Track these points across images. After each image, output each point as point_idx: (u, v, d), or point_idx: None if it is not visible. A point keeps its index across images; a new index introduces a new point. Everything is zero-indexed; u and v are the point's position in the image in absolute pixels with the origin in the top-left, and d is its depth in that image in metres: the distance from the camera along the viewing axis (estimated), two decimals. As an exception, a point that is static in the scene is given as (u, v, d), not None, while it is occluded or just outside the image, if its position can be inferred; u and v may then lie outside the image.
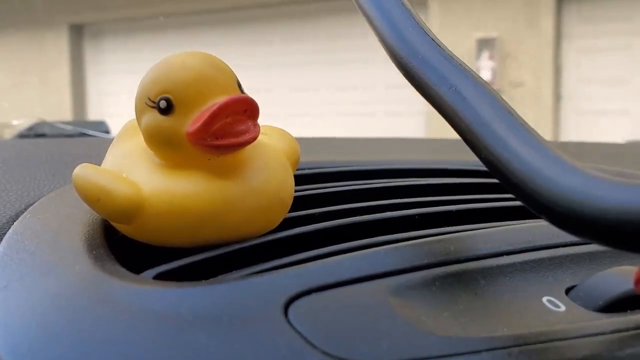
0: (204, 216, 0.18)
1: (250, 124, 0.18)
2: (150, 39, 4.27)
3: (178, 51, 0.19)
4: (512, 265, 0.19)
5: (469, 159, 0.34)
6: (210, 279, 0.18)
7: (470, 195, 0.29)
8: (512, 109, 0.16)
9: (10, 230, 0.21)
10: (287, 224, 0.22)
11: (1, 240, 0.20)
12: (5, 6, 4.27)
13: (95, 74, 4.72)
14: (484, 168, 0.18)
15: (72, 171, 0.19)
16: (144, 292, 0.16)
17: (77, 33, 4.44)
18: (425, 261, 0.18)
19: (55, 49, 4.40)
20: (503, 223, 0.24)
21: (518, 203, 0.22)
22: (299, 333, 0.15)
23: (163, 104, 0.18)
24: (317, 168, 0.31)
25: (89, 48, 4.57)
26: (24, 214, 0.23)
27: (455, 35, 3.49)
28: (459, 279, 0.18)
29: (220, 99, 0.18)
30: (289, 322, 0.15)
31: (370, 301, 0.16)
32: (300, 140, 0.24)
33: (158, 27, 4.23)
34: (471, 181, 0.31)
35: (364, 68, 3.89)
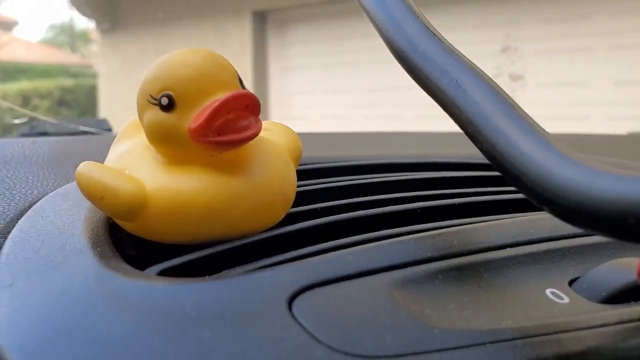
0: (207, 212, 0.18)
1: (252, 119, 0.18)
2: (341, 27, 3.27)
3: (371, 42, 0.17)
4: (515, 257, 0.19)
5: (471, 152, 0.34)
6: (214, 275, 0.18)
7: (473, 188, 0.29)
8: (514, 101, 0.16)
9: (15, 229, 0.21)
10: (289, 219, 0.22)
11: (6, 238, 0.20)
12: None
13: (278, 69, 3.61)
14: (486, 161, 0.18)
15: (75, 169, 0.19)
16: (149, 288, 0.16)
17: (260, 22, 3.47)
18: (428, 255, 0.18)
19: (237, 40, 3.46)
20: (505, 216, 0.24)
21: (520, 196, 0.22)
22: (303, 328, 0.15)
23: (165, 100, 0.18)
24: (319, 163, 0.31)
25: (272, 39, 3.56)
26: (28, 212, 0.23)
27: None
28: (462, 272, 0.18)
29: (222, 95, 0.18)
30: (293, 316, 0.15)
31: (374, 295, 0.16)
32: (302, 135, 0.24)
33: (349, 14, 3.17)
34: (473, 174, 0.31)
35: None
